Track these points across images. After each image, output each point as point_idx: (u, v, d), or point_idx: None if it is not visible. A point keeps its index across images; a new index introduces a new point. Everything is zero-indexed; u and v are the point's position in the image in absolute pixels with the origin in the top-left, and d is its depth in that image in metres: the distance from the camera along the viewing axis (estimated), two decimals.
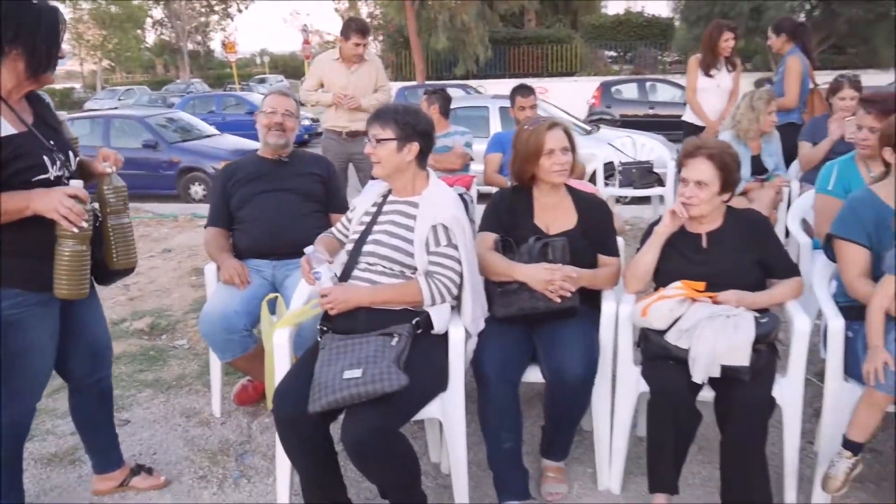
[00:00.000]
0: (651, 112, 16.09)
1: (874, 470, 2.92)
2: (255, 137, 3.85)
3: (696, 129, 6.11)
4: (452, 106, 10.18)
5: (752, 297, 2.60)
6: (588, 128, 10.36)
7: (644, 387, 2.63)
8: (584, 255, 2.84)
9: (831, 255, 2.77)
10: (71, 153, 2.42)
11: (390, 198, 2.72)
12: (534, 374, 2.72)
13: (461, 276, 2.59)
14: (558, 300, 2.68)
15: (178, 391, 3.79)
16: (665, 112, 15.34)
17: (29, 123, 2.29)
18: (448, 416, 2.57)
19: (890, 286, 2.42)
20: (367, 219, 2.71)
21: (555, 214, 2.91)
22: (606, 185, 6.97)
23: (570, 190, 2.99)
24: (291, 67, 53.10)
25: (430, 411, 2.54)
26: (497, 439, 2.62)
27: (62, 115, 2.56)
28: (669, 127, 12.23)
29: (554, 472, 2.84)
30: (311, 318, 2.74)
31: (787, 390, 2.59)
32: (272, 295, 3.03)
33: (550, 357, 2.63)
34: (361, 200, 2.82)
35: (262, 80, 39.32)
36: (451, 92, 19.17)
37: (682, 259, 2.73)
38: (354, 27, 5.59)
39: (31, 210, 2.18)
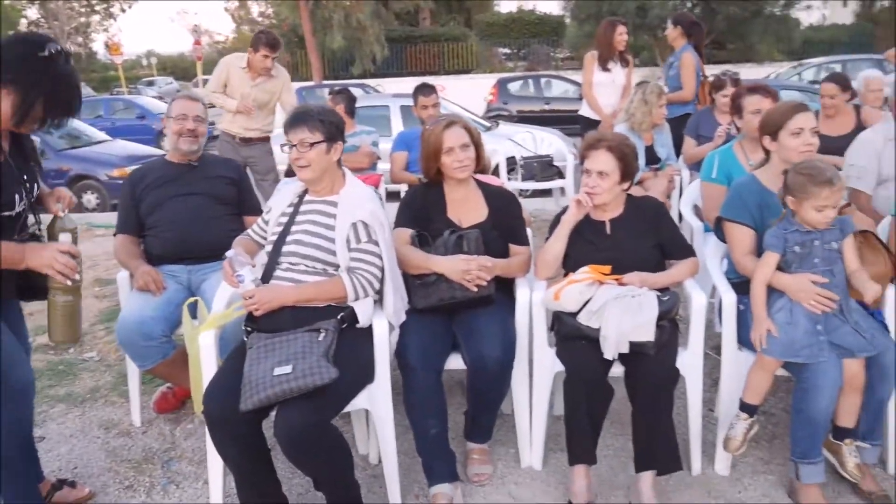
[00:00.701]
0: (546, 107, 16.53)
1: (767, 430, 3.19)
2: (149, 142, 3.81)
3: (592, 123, 6.40)
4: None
5: (653, 277, 2.80)
6: (488, 124, 10.58)
7: (559, 367, 2.79)
8: (496, 246, 2.98)
9: (721, 237, 3.01)
10: (35, 185, 2.42)
11: (307, 198, 2.77)
12: (455, 362, 2.84)
13: (382, 270, 2.68)
14: (475, 289, 2.80)
15: (94, 403, 3.71)
16: (560, 107, 15.82)
17: (6, 152, 2.27)
18: (376, 405, 2.66)
19: (769, 261, 2.66)
20: (285, 220, 2.76)
21: (466, 208, 3.04)
22: (509, 179, 7.18)
23: (480, 184, 3.12)
24: (181, 68, 51.40)
25: (359, 402, 2.61)
26: (424, 426, 2.72)
27: (35, 139, 2.56)
28: (565, 122, 12.65)
29: (479, 453, 2.97)
30: (233, 320, 2.77)
31: (689, 361, 2.81)
32: (193, 299, 3.03)
33: (470, 344, 2.75)
34: (277, 201, 2.87)
35: (151, 83, 37.88)
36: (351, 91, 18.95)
37: (589, 245, 2.91)
38: (265, 40, 5.57)
39: (26, 264, 2.31)
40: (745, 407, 2.72)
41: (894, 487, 2.76)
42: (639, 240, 2.90)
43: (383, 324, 2.66)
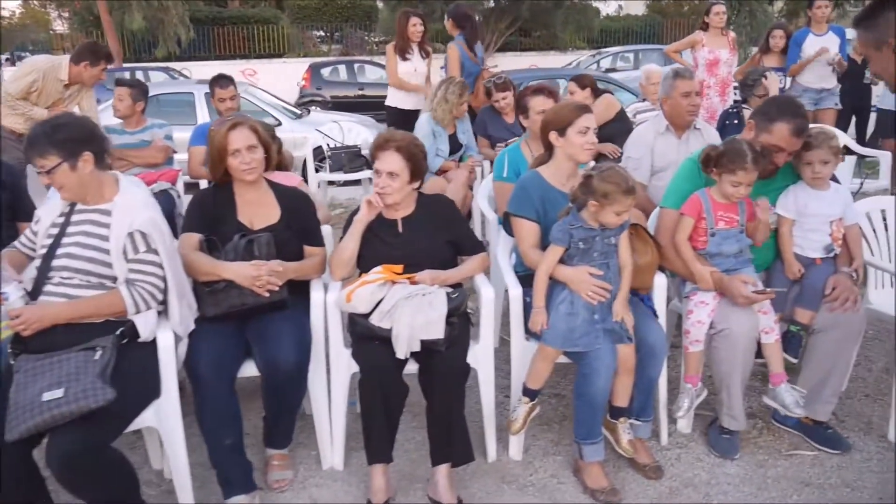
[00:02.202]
0: (360, 93, 16.54)
1: (557, 412, 3.38)
2: None
3: (400, 113, 6.49)
4: (155, 92, 9.70)
5: (445, 275, 2.88)
6: (298, 112, 10.39)
7: (356, 367, 2.80)
8: (290, 248, 2.94)
9: (510, 231, 3.14)
10: None
11: (79, 206, 2.59)
12: (250, 369, 2.78)
13: (165, 280, 2.56)
14: (267, 295, 2.75)
15: None
16: (374, 93, 15.79)
17: None
18: (164, 422, 2.55)
19: (552, 254, 2.80)
20: (56, 230, 2.57)
21: (257, 210, 2.97)
22: (318, 169, 7.11)
23: (272, 185, 3.06)
24: None
25: (144, 420, 2.50)
26: (217, 437, 2.64)
27: None
28: (379, 107, 12.66)
29: (278, 459, 2.93)
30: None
31: (480, 355, 2.92)
32: None
33: (263, 349, 2.71)
34: (46, 211, 2.67)
35: None
36: (154, 75, 17.88)
37: (382, 244, 2.94)
38: (104, 54, 5.19)
39: None
40: (527, 391, 2.87)
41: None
42: (431, 237, 2.97)
43: (168, 336, 2.55)
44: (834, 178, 3.14)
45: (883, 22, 2.28)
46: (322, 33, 27.66)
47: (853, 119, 7.76)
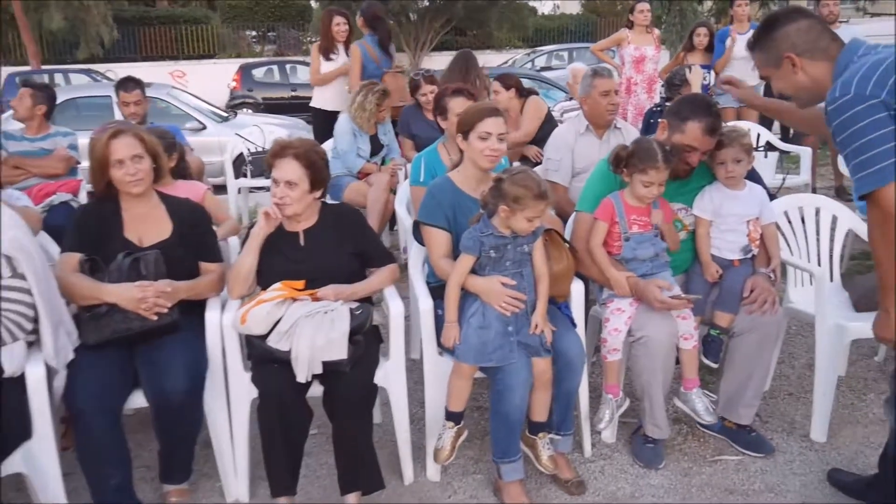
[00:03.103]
0: (293, 94, 16.21)
1: (479, 426, 3.23)
2: None
3: (323, 114, 6.33)
4: (72, 95, 9.28)
5: (350, 289, 2.71)
6: (226, 114, 10.07)
7: (256, 392, 2.61)
8: (183, 265, 2.74)
9: (420, 240, 2.98)
10: None
11: None
12: (140, 399, 2.57)
13: (34, 307, 2.33)
14: (155, 317, 2.54)
15: None
16: (306, 94, 15.41)
17: None
18: (35, 466, 2.33)
19: (463, 264, 2.64)
20: None
21: (147, 225, 2.76)
22: (244, 175, 6.85)
23: (163, 197, 2.84)
24: None
25: (11, 465, 2.27)
26: (101, 477, 2.43)
27: None
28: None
29: (176, 495, 2.71)
30: None
31: (391, 373, 2.76)
32: None
33: (151, 378, 2.51)
34: None
35: None
36: (75, 78, 17.25)
37: (283, 259, 2.75)
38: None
39: None
40: (450, 415, 2.70)
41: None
42: (335, 249, 2.79)
43: (38, 370, 2.32)
44: (755, 176, 3.07)
45: (775, 40, 2.26)
46: (255, 33, 27.11)
47: None
